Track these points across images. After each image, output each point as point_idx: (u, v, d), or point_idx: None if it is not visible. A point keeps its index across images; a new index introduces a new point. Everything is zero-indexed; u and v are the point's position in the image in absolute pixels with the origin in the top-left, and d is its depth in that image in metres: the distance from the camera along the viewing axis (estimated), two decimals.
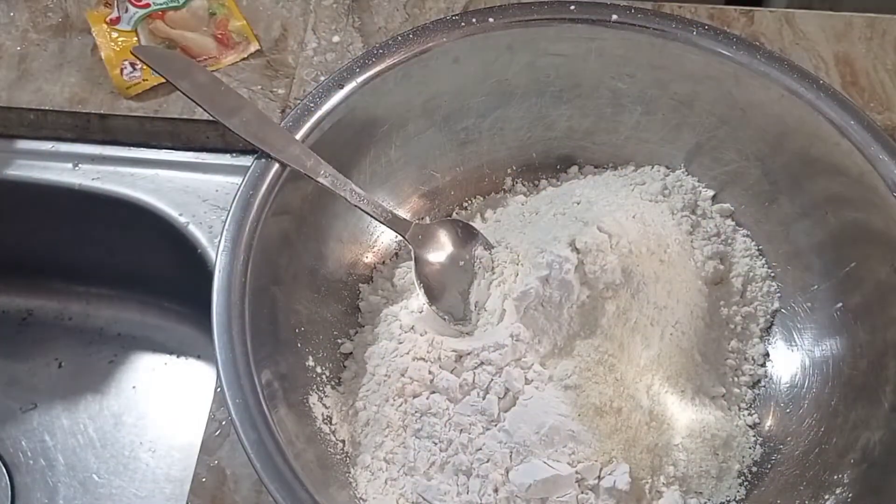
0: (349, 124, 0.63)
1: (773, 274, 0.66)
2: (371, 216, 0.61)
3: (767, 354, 0.65)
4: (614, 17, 0.64)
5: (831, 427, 0.59)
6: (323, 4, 0.81)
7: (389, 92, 0.64)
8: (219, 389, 0.64)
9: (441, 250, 0.64)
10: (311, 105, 0.61)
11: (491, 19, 0.64)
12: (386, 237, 0.68)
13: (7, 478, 0.79)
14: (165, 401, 0.83)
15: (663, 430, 0.59)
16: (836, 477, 0.57)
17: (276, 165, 0.59)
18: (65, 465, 0.80)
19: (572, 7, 0.65)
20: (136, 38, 0.77)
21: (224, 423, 0.63)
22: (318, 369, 0.61)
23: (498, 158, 0.71)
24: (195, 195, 0.74)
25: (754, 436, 0.62)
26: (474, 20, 0.64)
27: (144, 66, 0.75)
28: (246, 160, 0.60)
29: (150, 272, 0.83)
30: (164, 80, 0.74)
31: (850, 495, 0.55)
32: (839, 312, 0.62)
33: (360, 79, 0.62)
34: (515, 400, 0.58)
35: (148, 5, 0.78)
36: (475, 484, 0.56)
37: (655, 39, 0.64)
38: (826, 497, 0.56)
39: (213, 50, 0.77)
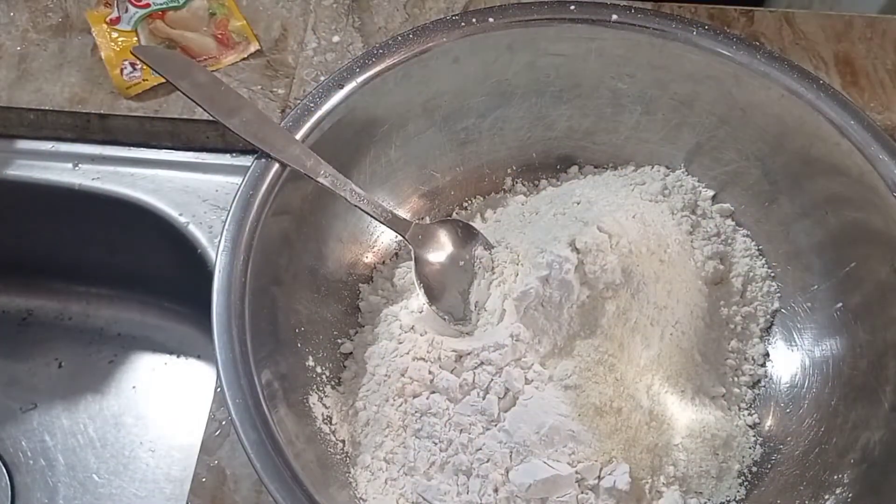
0: (349, 124, 0.63)
1: (773, 274, 0.66)
2: (371, 216, 0.61)
3: (767, 354, 0.65)
4: (614, 17, 0.64)
5: (831, 427, 0.59)
6: (323, 4, 0.81)
7: (389, 92, 0.64)
8: (219, 389, 0.64)
9: (441, 250, 0.64)
10: (311, 105, 0.61)
11: (491, 19, 0.64)
12: (386, 237, 0.68)
13: (7, 478, 0.79)
14: (165, 401, 0.83)
15: (663, 430, 0.59)
16: (836, 477, 0.57)
17: (276, 165, 0.59)
18: (65, 465, 0.80)
19: (572, 7, 0.65)
20: (136, 38, 0.77)
21: (224, 423, 0.63)
22: (318, 369, 0.61)
23: (498, 158, 0.71)
24: (195, 195, 0.74)
25: (754, 436, 0.62)
26: (474, 20, 0.64)
27: (144, 66, 0.75)
28: (246, 160, 0.60)
29: (150, 272, 0.83)
30: (164, 80, 0.74)
31: (850, 495, 0.55)
32: (839, 312, 0.62)
33: (360, 79, 0.62)
34: (515, 400, 0.58)
35: (148, 5, 0.78)
36: (475, 484, 0.56)
37: (655, 39, 0.64)
38: (826, 497, 0.56)
39: (213, 50, 0.77)
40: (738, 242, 0.67)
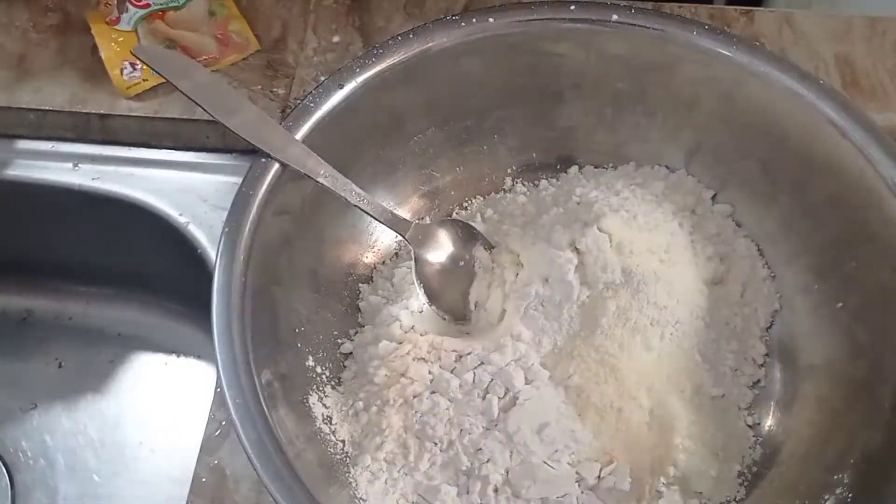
0: (349, 124, 0.63)
1: (773, 274, 0.66)
2: (371, 216, 0.61)
3: (767, 354, 0.65)
4: (614, 17, 0.64)
5: (831, 427, 0.59)
6: (323, 4, 0.81)
7: (389, 92, 0.64)
8: (219, 389, 0.64)
9: (441, 250, 0.64)
10: (311, 105, 0.61)
11: (491, 19, 0.64)
12: (386, 237, 0.68)
13: (7, 478, 0.79)
14: (165, 401, 0.83)
15: (663, 430, 0.59)
16: (836, 477, 0.56)
17: (276, 165, 0.59)
18: (65, 465, 0.80)
19: (572, 7, 0.64)
20: (136, 38, 0.77)
21: (224, 423, 0.63)
22: (318, 369, 0.61)
23: (498, 158, 0.71)
24: (195, 195, 0.74)
25: (754, 436, 0.62)
26: (474, 20, 0.64)
27: (144, 66, 0.75)
28: (246, 160, 0.60)
29: (150, 272, 0.83)
30: (164, 80, 0.74)
31: (850, 495, 0.55)
32: (839, 312, 0.62)
33: (360, 79, 0.62)
34: (515, 400, 0.58)
35: (148, 5, 0.78)
36: (475, 484, 0.56)
37: (655, 39, 0.64)
38: (826, 497, 0.56)
39: (213, 50, 0.77)
40: (738, 242, 0.67)
